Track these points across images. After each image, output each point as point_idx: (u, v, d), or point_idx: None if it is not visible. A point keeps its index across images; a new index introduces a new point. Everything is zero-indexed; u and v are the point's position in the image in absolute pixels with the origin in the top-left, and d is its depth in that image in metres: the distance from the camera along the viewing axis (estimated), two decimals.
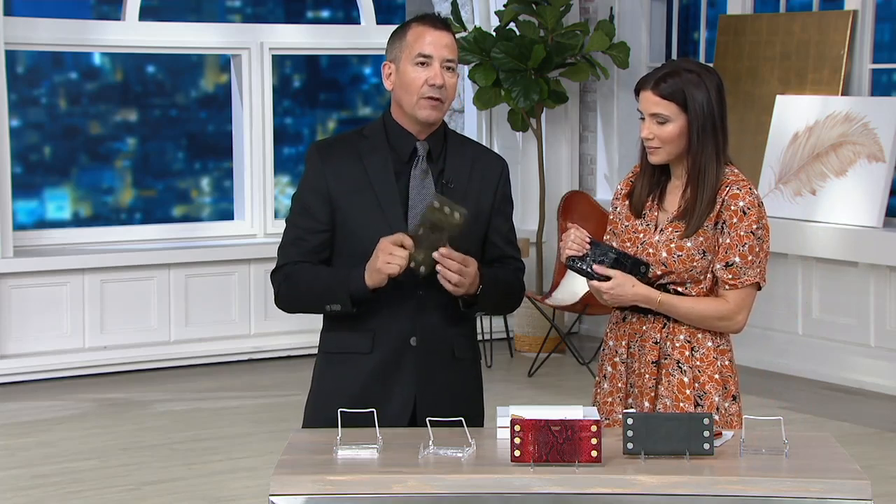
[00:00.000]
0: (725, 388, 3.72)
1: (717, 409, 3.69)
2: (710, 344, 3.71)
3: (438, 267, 3.54)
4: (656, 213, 3.74)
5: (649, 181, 3.76)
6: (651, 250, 3.70)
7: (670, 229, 3.69)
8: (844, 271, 7.80)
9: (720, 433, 3.38)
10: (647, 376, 3.72)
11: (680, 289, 3.69)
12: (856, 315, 7.77)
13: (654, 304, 3.66)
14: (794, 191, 7.94)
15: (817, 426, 6.89)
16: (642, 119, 3.68)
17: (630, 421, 3.25)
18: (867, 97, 7.87)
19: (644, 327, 3.73)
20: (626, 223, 3.78)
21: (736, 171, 3.70)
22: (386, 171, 3.67)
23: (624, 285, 3.63)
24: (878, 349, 7.70)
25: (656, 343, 3.71)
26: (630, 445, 3.24)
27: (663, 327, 3.71)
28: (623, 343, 3.77)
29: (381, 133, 3.72)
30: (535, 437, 3.18)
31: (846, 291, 7.81)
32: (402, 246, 3.52)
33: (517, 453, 3.19)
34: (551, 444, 3.18)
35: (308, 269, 3.69)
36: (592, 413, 3.45)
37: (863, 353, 7.76)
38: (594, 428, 3.18)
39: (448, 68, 3.65)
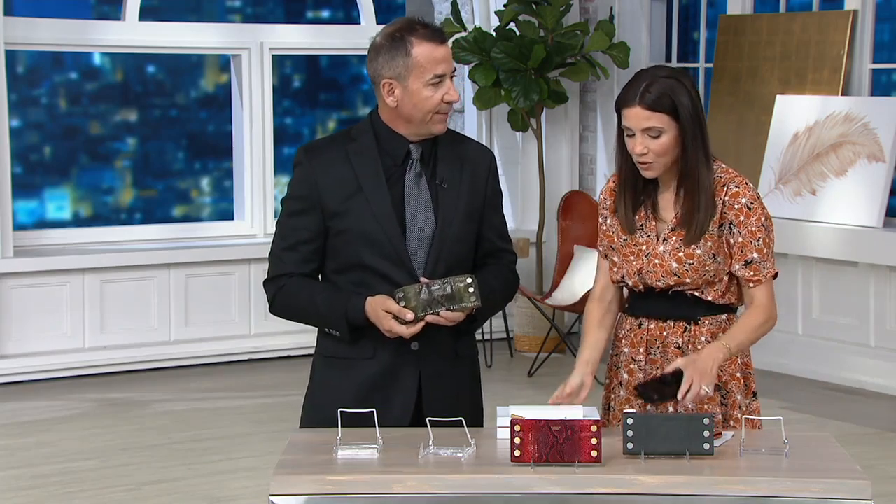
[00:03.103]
0: (746, 386, 3.70)
1: (740, 407, 3.66)
2: None
3: (430, 318, 3.55)
4: (654, 223, 3.68)
5: (632, 198, 3.69)
6: (658, 261, 3.64)
7: (674, 238, 3.64)
8: (844, 271, 7.80)
9: (720, 433, 3.38)
10: None
11: (697, 293, 3.66)
12: (856, 315, 7.77)
13: (728, 354, 3.57)
14: (794, 191, 7.94)
15: (817, 426, 6.89)
16: (630, 136, 3.59)
17: (630, 421, 3.25)
18: (867, 97, 7.87)
19: (665, 333, 3.69)
20: (624, 237, 3.71)
21: (724, 165, 3.66)
22: (377, 176, 3.62)
23: (705, 369, 3.50)
24: (878, 349, 7.70)
25: (678, 348, 3.68)
26: (630, 445, 3.24)
27: (684, 331, 3.68)
28: (640, 350, 3.73)
29: (370, 135, 3.66)
30: (535, 437, 3.18)
31: (846, 291, 7.81)
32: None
33: (517, 453, 3.19)
34: (551, 444, 3.18)
35: (303, 286, 3.66)
36: (592, 413, 3.45)
37: (863, 353, 7.76)
38: (594, 428, 3.18)
39: (453, 79, 3.63)
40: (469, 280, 3.52)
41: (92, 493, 5.95)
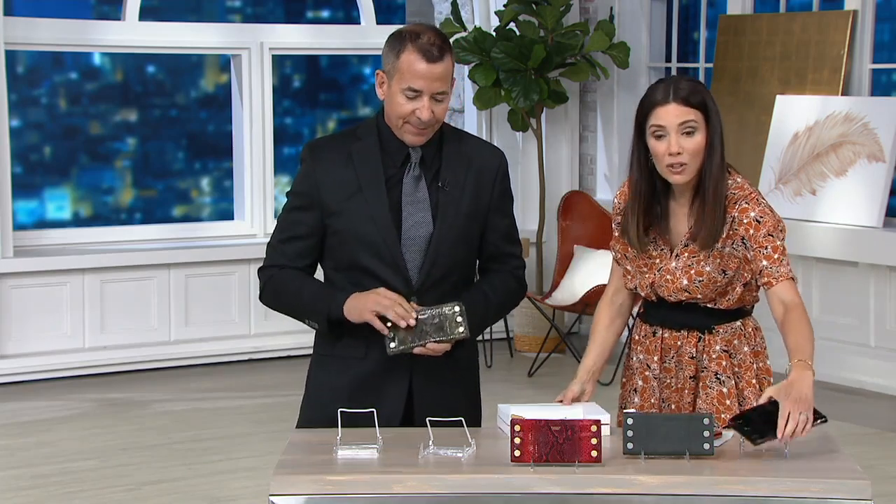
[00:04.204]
0: (761, 391, 3.68)
1: None
2: (746, 349, 3.67)
3: (418, 350, 3.53)
4: (667, 237, 3.66)
5: (645, 215, 3.64)
6: (669, 277, 3.63)
7: (686, 255, 3.62)
8: (844, 271, 7.80)
9: (720, 433, 3.38)
10: (685, 391, 3.68)
11: (709, 304, 3.65)
12: (856, 315, 7.77)
13: (812, 370, 3.37)
14: (794, 191, 7.94)
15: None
16: (661, 138, 3.54)
17: (630, 421, 3.25)
18: (867, 97, 7.87)
19: (679, 342, 3.68)
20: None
21: (739, 179, 3.62)
22: (377, 178, 3.61)
23: (801, 395, 3.30)
24: (878, 349, 7.70)
25: (692, 357, 3.67)
26: (630, 445, 3.24)
27: (698, 341, 3.67)
28: (655, 358, 3.72)
29: (375, 135, 3.65)
30: (535, 437, 3.18)
31: (846, 291, 7.81)
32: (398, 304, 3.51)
33: (517, 453, 3.19)
34: (551, 444, 3.18)
35: (293, 277, 3.66)
36: (594, 410, 3.46)
37: (863, 353, 7.76)
38: (594, 428, 3.18)
39: (437, 99, 3.56)
40: (457, 309, 3.49)
41: (92, 493, 5.95)
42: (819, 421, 3.25)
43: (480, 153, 3.71)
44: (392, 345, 3.49)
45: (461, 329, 3.48)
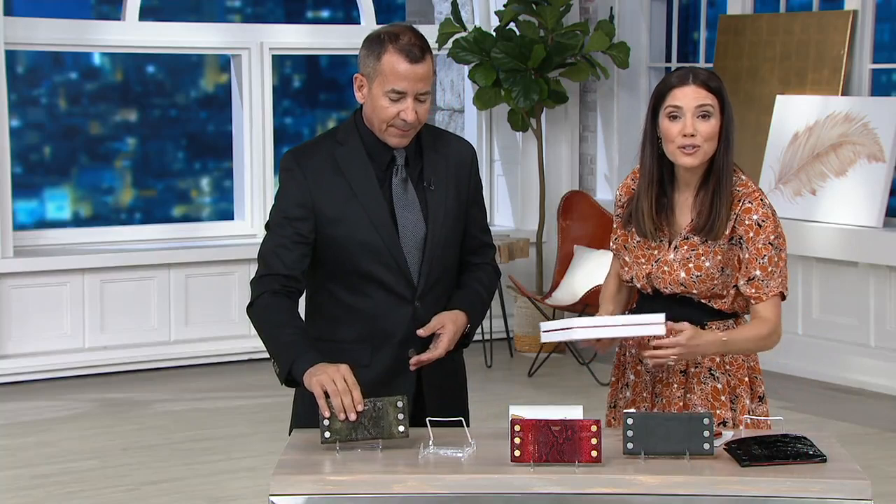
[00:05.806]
0: (753, 390, 3.68)
1: (749, 411, 3.65)
2: None
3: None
4: (668, 229, 3.66)
5: (656, 198, 3.64)
6: (666, 268, 3.63)
7: (685, 248, 3.62)
8: (844, 271, 7.80)
9: (720, 433, 3.38)
10: (675, 386, 3.68)
11: (705, 301, 3.65)
12: (856, 315, 7.77)
13: (721, 346, 3.53)
14: (794, 191, 7.94)
15: (817, 426, 6.88)
16: (675, 119, 3.55)
17: (630, 421, 3.25)
18: (867, 97, 7.87)
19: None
20: (637, 238, 3.69)
21: (744, 178, 3.63)
22: (370, 182, 3.59)
23: (691, 349, 3.47)
24: (878, 349, 7.70)
25: None
26: (630, 445, 3.24)
27: None
28: (647, 353, 3.73)
29: (356, 138, 3.62)
30: (535, 437, 3.18)
31: (846, 291, 7.81)
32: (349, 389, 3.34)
33: (517, 453, 3.19)
34: (551, 444, 3.18)
35: (277, 313, 3.54)
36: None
37: (863, 353, 7.76)
38: (594, 428, 3.18)
39: (420, 100, 3.54)
40: (400, 405, 3.33)
41: (92, 493, 5.95)
42: (818, 459, 3.24)
43: (455, 149, 3.72)
44: (327, 434, 3.31)
45: (401, 428, 3.32)
